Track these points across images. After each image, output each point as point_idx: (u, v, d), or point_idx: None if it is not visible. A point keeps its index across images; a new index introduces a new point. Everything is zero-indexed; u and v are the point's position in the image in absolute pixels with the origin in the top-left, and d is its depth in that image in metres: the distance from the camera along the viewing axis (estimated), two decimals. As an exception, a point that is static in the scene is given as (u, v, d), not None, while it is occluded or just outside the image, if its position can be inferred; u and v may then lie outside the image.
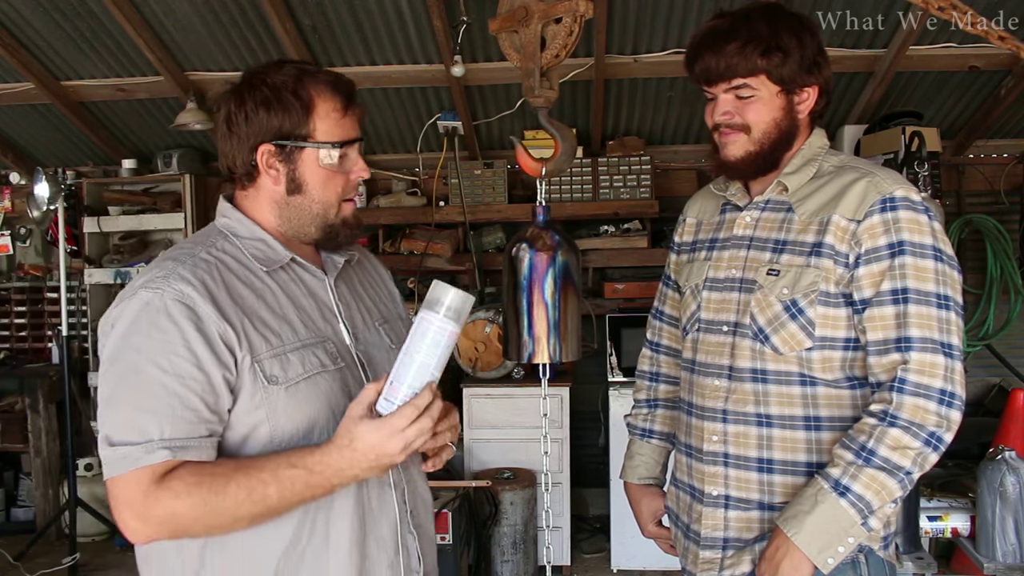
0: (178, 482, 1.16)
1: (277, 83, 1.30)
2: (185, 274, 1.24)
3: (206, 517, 1.17)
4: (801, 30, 1.48)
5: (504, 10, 1.63)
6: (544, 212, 1.46)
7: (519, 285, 1.37)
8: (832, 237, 1.43)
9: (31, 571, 3.97)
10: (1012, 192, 4.34)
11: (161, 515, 1.16)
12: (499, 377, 4.00)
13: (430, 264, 4.37)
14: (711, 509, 1.53)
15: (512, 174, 4.35)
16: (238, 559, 1.25)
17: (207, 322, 1.20)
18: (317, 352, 1.30)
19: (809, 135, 1.56)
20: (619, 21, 3.56)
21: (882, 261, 1.39)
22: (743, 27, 1.47)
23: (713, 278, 1.58)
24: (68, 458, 4.01)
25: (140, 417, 1.17)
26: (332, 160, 1.33)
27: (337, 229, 1.37)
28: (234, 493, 1.16)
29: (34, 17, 3.57)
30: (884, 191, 1.42)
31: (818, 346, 1.44)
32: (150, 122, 4.41)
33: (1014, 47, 2.31)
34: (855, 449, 1.36)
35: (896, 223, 1.40)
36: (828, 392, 1.46)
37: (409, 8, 3.49)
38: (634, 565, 3.95)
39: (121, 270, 4.60)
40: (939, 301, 1.37)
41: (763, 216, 1.54)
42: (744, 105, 1.50)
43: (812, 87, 1.51)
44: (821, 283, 1.43)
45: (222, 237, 1.35)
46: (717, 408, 1.52)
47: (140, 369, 1.18)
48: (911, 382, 1.35)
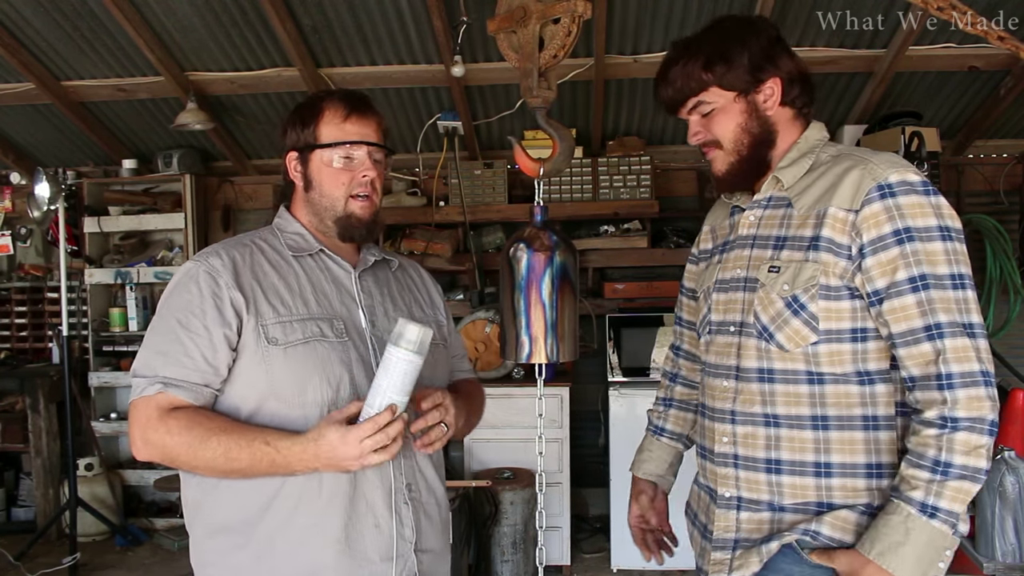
0: (174, 422, 1.41)
1: (303, 104, 1.61)
2: (221, 251, 1.53)
3: (187, 457, 1.41)
4: (743, 32, 1.49)
5: (502, 10, 1.63)
6: (542, 212, 1.45)
7: (516, 285, 1.37)
8: (829, 230, 1.41)
9: (31, 571, 3.97)
10: (1012, 192, 4.34)
11: (155, 442, 1.42)
12: (499, 377, 4.00)
13: (430, 264, 4.37)
14: (723, 511, 1.53)
15: (512, 174, 4.36)
16: (236, 494, 1.46)
17: (223, 288, 1.47)
18: (322, 324, 1.51)
19: (804, 129, 1.54)
20: (619, 21, 3.57)
21: (890, 249, 1.36)
22: (684, 50, 1.50)
23: (721, 279, 1.58)
24: (68, 458, 4.01)
25: (154, 358, 1.45)
26: (332, 159, 1.56)
27: (347, 222, 1.58)
28: (213, 447, 1.39)
29: (34, 17, 3.58)
30: (879, 177, 1.39)
31: (824, 339, 1.42)
32: (150, 122, 4.41)
33: (1014, 47, 2.31)
34: (929, 465, 1.31)
35: (899, 209, 1.37)
36: (836, 389, 1.43)
37: (409, 8, 3.49)
38: (634, 565, 3.95)
39: (121, 270, 4.60)
40: (954, 282, 1.34)
41: (765, 214, 1.53)
42: (709, 121, 1.51)
43: (771, 80, 1.49)
44: (821, 277, 1.41)
45: (270, 232, 1.63)
46: (726, 409, 1.52)
47: (166, 320, 1.47)
48: (956, 373, 1.31)
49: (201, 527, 1.52)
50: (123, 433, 4.74)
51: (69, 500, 3.99)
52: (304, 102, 1.62)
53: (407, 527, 1.52)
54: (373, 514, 1.48)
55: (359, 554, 1.47)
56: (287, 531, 1.45)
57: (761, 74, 1.48)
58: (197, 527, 1.53)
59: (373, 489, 1.48)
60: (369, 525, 1.48)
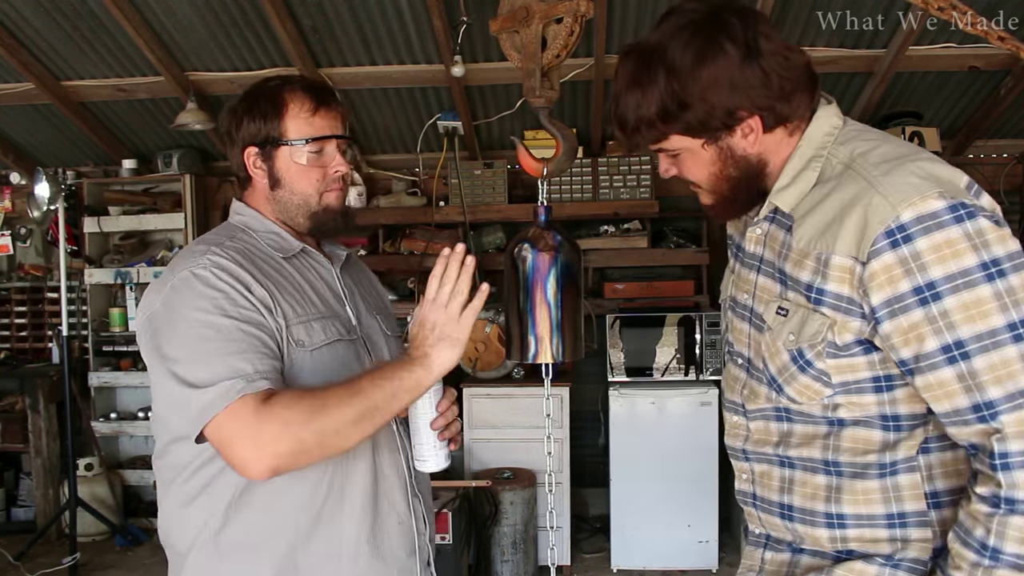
0: (281, 396, 1.24)
1: (258, 95, 1.47)
2: (219, 252, 1.36)
3: (317, 421, 1.22)
4: (704, 49, 1.15)
5: (505, 10, 1.63)
6: (546, 212, 1.45)
7: (521, 286, 1.37)
8: (836, 283, 1.13)
9: (31, 571, 3.97)
10: (1012, 192, 4.34)
11: (275, 431, 1.21)
12: (499, 377, 4.00)
13: (430, 264, 4.35)
14: (751, 548, 1.39)
15: (512, 174, 4.35)
16: (260, 515, 1.34)
17: (252, 286, 1.34)
18: (335, 323, 1.44)
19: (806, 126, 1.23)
20: (619, 21, 3.57)
21: (911, 312, 1.07)
22: (634, 82, 1.21)
23: (734, 298, 1.37)
24: (68, 458, 4.01)
25: (229, 360, 1.25)
26: (303, 156, 1.45)
27: (322, 216, 1.49)
28: (334, 393, 1.25)
29: (34, 17, 3.57)
30: (887, 217, 1.07)
31: (841, 391, 1.18)
32: (150, 122, 4.41)
33: (1014, 47, 2.31)
34: (976, 547, 1.08)
35: (917, 258, 1.06)
36: (855, 433, 1.20)
37: (409, 8, 3.49)
38: (634, 565, 3.95)
39: (121, 270, 4.60)
40: (1013, 333, 1.04)
41: (770, 231, 1.27)
42: (678, 162, 1.27)
43: (749, 119, 1.18)
44: (827, 333, 1.15)
45: (239, 231, 1.48)
46: (737, 447, 1.36)
47: (211, 323, 1.28)
48: (1015, 452, 1.04)
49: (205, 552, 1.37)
50: (123, 433, 4.74)
51: (69, 500, 3.99)
52: (257, 92, 1.48)
53: (419, 520, 1.51)
54: (396, 512, 1.46)
55: (388, 554, 1.44)
56: (310, 545, 1.37)
57: (732, 116, 1.18)
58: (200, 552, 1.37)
59: (392, 487, 1.46)
60: (393, 523, 1.46)
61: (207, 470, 1.34)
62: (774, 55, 1.16)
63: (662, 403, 3.92)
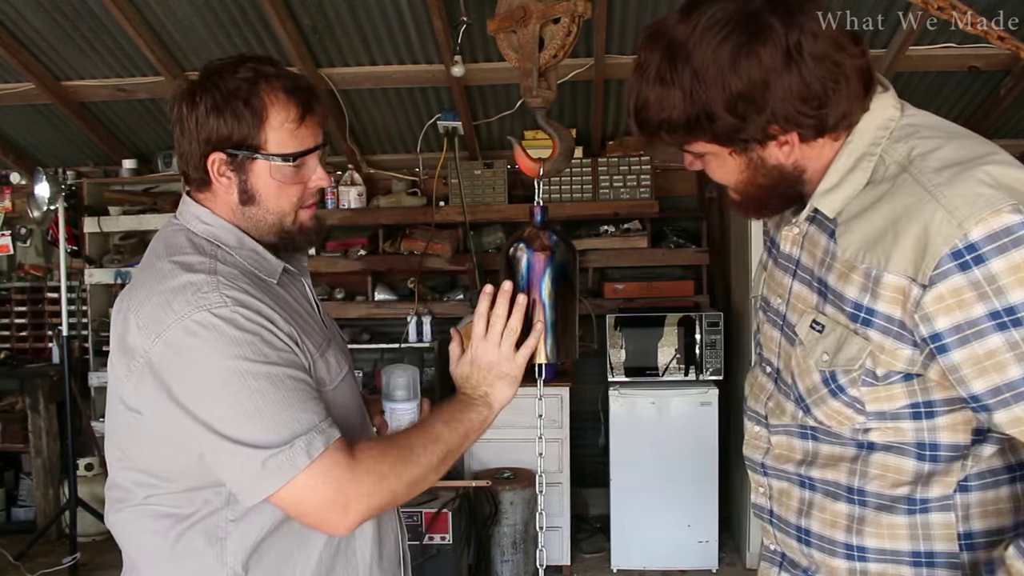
0: (367, 448, 1.17)
1: (230, 89, 1.22)
2: (230, 284, 1.17)
3: (408, 472, 1.18)
4: (738, 51, 1.00)
5: (502, 10, 1.63)
6: (542, 212, 1.45)
7: (516, 285, 1.37)
8: (887, 304, 1.00)
9: (31, 571, 3.98)
10: (1012, 192, 4.33)
11: (370, 486, 1.14)
12: (499, 377, 4.00)
13: (430, 264, 4.37)
14: (767, 565, 1.31)
15: (512, 174, 4.35)
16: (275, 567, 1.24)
17: (278, 323, 1.18)
18: (336, 354, 1.31)
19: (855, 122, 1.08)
20: (618, 21, 3.57)
21: (987, 339, 0.94)
22: (659, 80, 1.05)
23: (767, 300, 1.26)
24: (68, 458, 4.01)
25: (291, 412, 1.12)
26: (284, 173, 1.25)
27: (294, 236, 1.31)
28: (417, 440, 1.21)
29: (34, 17, 3.58)
30: (954, 235, 0.94)
31: (875, 418, 1.07)
32: (150, 122, 4.41)
33: (1014, 47, 2.31)
34: None
35: (992, 281, 0.93)
36: (885, 459, 1.09)
37: (409, 8, 3.49)
38: (634, 565, 3.95)
39: (121, 270, 4.60)
40: None
41: (809, 233, 1.14)
42: (703, 161, 1.14)
43: (786, 135, 1.05)
44: (867, 360, 1.03)
45: (212, 245, 1.25)
46: (756, 460, 1.26)
47: (258, 373, 1.12)
48: None
49: None
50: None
51: (69, 500, 3.99)
52: (228, 85, 1.23)
53: (409, 566, 1.47)
54: (392, 524, 1.42)
55: (390, 566, 1.40)
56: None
57: (764, 132, 1.04)
58: None
59: (389, 541, 1.40)
60: (391, 535, 1.41)
61: (214, 520, 1.20)
62: (820, 62, 1.01)
63: (662, 403, 3.92)
